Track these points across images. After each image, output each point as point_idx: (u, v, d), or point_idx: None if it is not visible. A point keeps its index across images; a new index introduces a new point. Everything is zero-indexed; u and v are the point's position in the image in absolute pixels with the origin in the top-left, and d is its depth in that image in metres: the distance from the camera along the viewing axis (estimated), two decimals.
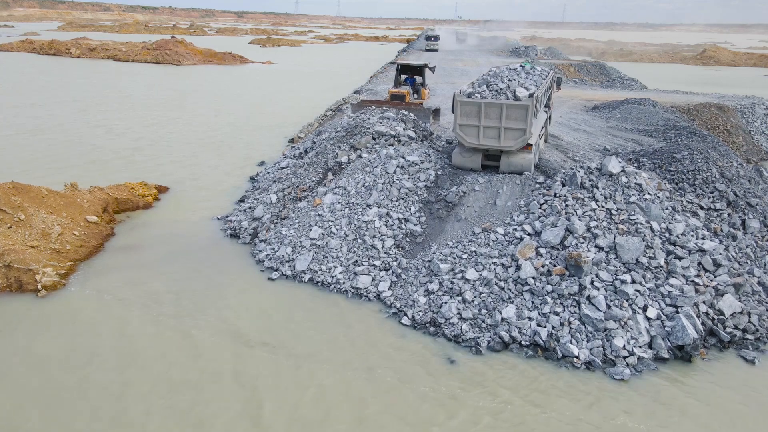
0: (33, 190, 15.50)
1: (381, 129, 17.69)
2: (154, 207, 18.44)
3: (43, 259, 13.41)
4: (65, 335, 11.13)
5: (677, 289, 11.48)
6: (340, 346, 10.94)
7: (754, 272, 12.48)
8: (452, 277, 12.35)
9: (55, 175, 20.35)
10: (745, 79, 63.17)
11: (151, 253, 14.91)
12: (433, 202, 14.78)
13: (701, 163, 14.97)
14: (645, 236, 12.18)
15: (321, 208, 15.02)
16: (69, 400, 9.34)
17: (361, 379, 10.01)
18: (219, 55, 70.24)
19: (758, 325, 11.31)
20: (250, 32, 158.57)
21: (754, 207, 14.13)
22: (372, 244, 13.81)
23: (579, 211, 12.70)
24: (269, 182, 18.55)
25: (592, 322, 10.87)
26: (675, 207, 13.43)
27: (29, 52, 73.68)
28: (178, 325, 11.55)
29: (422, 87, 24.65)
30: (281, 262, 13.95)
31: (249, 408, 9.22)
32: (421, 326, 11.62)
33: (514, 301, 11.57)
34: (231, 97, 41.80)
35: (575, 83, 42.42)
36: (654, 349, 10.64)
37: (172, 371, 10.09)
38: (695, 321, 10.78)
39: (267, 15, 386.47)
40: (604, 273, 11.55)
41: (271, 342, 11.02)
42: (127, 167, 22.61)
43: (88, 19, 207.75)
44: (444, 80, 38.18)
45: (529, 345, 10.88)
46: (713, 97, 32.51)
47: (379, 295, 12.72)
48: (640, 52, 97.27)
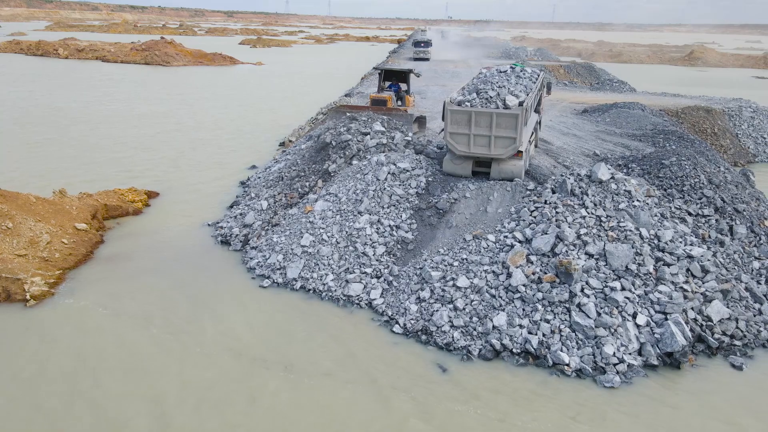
0: (21, 198, 15.36)
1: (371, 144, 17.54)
2: (144, 213, 18.32)
3: (31, 268, 13.29)
4: (54, 346, 11.03)
5: (666, 295, 11.58)
6: (332, 356, 10.94)
7: (741, 278, 12.63)
8: (443, 284, 12.38)
9: (43, 182, 20.16)
10: (732, 80, 63.83)
11: (141, 260, 14.82)
12: (425, 209, 14.81)
13: (689, 169, 15.11)
14: (634, 243, 12.28)
15: (312, 215, 15.00)
16: (56, 411, 9.26)
17: (352, 388, 10.01)
18: (209, 56, 69.91)
19: (746, 330, 11.45)
20: (240, 32, 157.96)
21: (741, 213, 14.29)
22: (363, 252, 13.81)
23: (569, 218, 12.79)
24: (260, 187, 18.50)
25: (582, 329, 10.95)
26: (664, 213, 13.55)
27: (16, 53, 72.90)
28: (169, 335, 11.49)
29: (406, 94, 23.47)
30: (272, 270, 13.92)
31: (238, 419, 9.20)
32: (413, 334, 11.64)
33: (505, 308, 11.63)
34: (221, 99, 41.60)
35: (565, 85, 42.66)
36: (643, 356, 10.73)
37: (162, 383, 10.04)
38: (684, 328, 10.89)
39: (257, 15, 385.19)
40: (594, 280, 11.63)
41: (261, 352, 10.98)
42: (116, 173, 22.43)
43: (76, 19, 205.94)
44: (434, 82, 38.24)
45: (520, 353, 10.94)
46: (701, 99, 32.84)
47: (371, 302, 12.73)
48: (629, 53, 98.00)
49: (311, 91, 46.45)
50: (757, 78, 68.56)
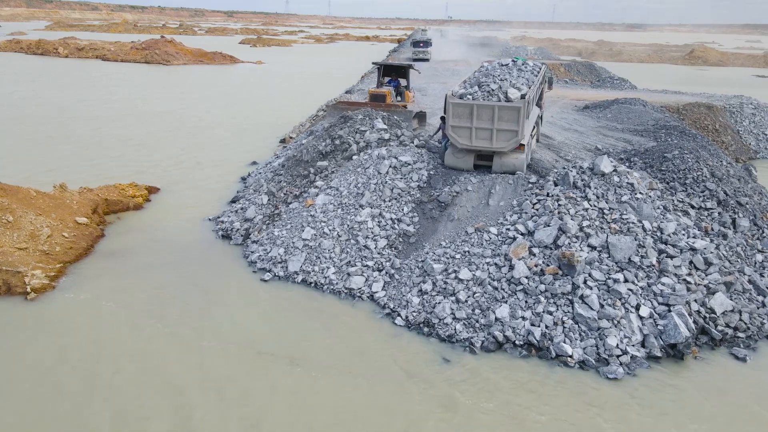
0: (21, 192, 15.32)
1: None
2: (144, 208, 18.28)
3: (32, 262, 13.24)
4: (55, 339, 10.98)
5: (669, 287, 11.54)
6: (335, 348, 10.89)
7: (744, 270, 12.58)
8: (445, 277, 12.34)
9: (43, 176, 20.12)
10: (732, 79, 63.75)
11: (141, 254, 14.77)
12: (426, 202, 14.76)
13: (692, 162, 15.07)
14: (637, 235, 12.23)
15: (313, 208, 14.95)
16: (57, 405, 9.21)
17: (355, 380, 9.96)
18: (209, 55, 69.81)
19: (749, 323, 11.41)
20: (241, 32, 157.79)
21: (743, 206, 14.24)
22: (365, 245, 13.76)
23: (571, 211, 12.74)
24: (261, 182, 18.45)
25: (585, 321, 10.90)
26: (666, 206, 13.50)
27: (16, 52, 72.82)
28: (171, 328, 11.44)
29: (406, 90, 23.25)
30: (274, 263, 13.87)
31: (242, 412, 9.15)
32: (415, 326, 11.59)
33: (508, 300, 11.58)
34: (221, 97, 41.55)
35: (566, 83, 42.61)
36: (647, 347, 10.68)
37: (165, 375, 9.99)
38: (687, 319, 10.84)
39: (257, 14, 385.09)
40: (597, 272, 11.58)
41: (263, 345, 10.94)
42: (117, 168, 22.39)
43: (76, 19, 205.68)
44: (435, 80, 38.19)
45: (522, 345, 10.89)
46: (702, 96, 32.77)
47: (373, 295, 12.68)
48: (629, 52, 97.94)
49: (311, 90, 46.38)
50: (758, 77, 68.49)
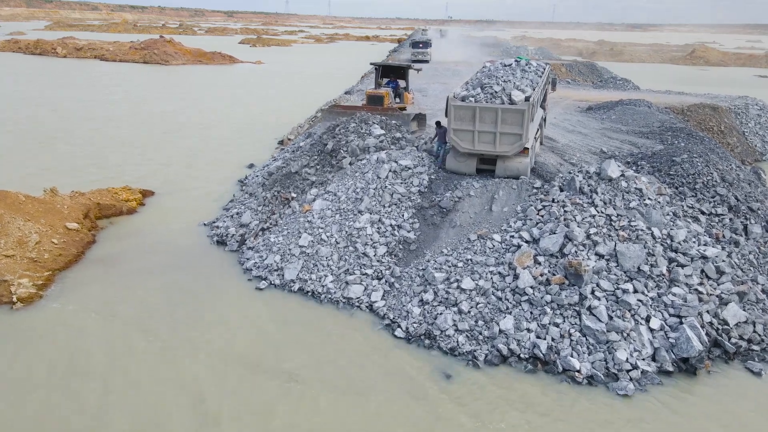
0: (9, 196, 14.86)
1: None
2: (138, 212, 17.82)
3: (18, 270, 12.79)
4: (40, 351, 10.52)
5: (680, 298, 11.08)
6: (332, 363, 10.43)
7: (758, 280, 12.13)
8: (447, 286, 11.88)
9: (33, 180, 19.62)
10: (734, 79, 63.27)
11: (134, 261, 14.31)
12: (427, 207, 14.30)
13: (701, 166, 14.60)
14: (646, 243, 11.77)
15: (310, 214, 14.49)
16: (41, 419, 8.76)
17: (353, 396, 9.51)
18: (208, 55, 69.34)
19: (763, 335, 10.95)
20: (240, 32, 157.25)
21: (755, 212, 13.78)
22: (364, 252, 13.30)
23: (578, 218, 12.28)
24: (257, 186, 17.99)
25: (593, 333, 10.44)
26: (676, 212, 13.04)
27: (15, 52, 72.34)
28: (160, 343, 10.98)
29: (405, 91, 22.66)
30: (269, 271, 13.41)
31: (235, 428, 8.70)
32: (416, 338, 11.13)
33: (512, 311, 11.12)
34: (220, 98, 41.09)
35: (567, 83, 42.11)
36: (658, 361, 10.23)
37: (153, 395, 9.54)
38: (700, 332, 10.38)
39: (257, 14, 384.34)
40: (605, 282, 11.12)
41: (259, 360, 10.48)
42: (110, 171, 21.92)
43: (75, 19, 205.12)
44: (435, 80, 37.70)
45: (528, 358, 10.43)
46: (706, 97, 32.28)
47: (372, 305, 12.22)
48: (631, 52, 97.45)
49: (311, 90, 45.91)
50: (760, 77, 68.01)
